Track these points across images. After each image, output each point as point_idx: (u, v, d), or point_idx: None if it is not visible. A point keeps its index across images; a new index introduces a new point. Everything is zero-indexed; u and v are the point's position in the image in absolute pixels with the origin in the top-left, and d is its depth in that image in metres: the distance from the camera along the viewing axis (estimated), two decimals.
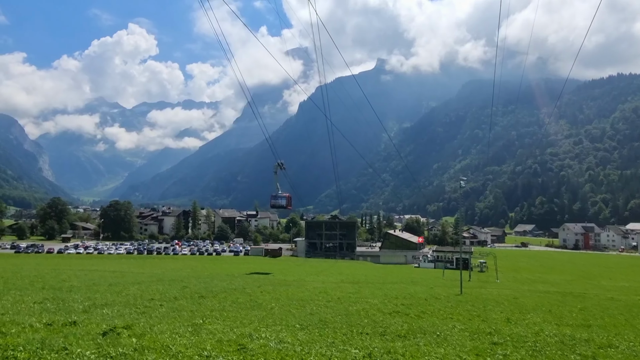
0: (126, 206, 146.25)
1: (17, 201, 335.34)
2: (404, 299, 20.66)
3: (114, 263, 68.73)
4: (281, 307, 16.06)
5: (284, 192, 53.37)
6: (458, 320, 14.17)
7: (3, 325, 9.46)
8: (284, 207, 53.42)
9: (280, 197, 52.48)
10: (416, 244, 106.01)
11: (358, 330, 10.95)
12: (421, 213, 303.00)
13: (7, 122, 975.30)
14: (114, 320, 10.96)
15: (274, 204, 53.01)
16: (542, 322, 15.15)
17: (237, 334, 9.30)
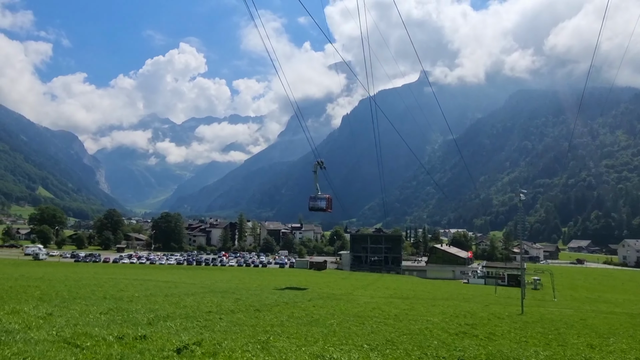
0: (176, 218, 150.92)
1: (76, 212, 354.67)
2: (464, 317, 19.84)
3: (165, 273, 70.74)
4: (340, 323, 15.80)
5: (323, 194, 46.55)
6: (535, 345, 13.35)
7: (78, 338, 9.75)
8: (323, 209, 45.97)
9: (320, 199, 46.16)
10: (464, 259, 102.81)
11: (432, 353, 10.50)
12: (467, 227, 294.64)
13: (69, 138, 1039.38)
14: (180, 334, 11.07)
15: (312, 206, 46.50)
16: (629, 349, 14.00)
17: (307, 354, 9.13)
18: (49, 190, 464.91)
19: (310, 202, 46.51)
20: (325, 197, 45.88)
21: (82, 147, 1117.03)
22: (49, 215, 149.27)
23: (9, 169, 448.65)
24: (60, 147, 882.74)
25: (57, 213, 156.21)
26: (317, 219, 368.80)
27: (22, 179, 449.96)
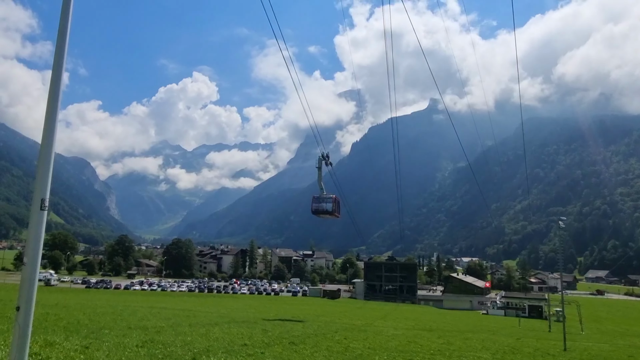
0: (187, 244, 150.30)
1: (86, 238, 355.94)
2: (512, 354, 18.75)
3: (179, 301, 69.57)
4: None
5: (329, 193, 37.74)
6: None
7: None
8: (329, 212, 37.03)
9: (325, 200, 37.01)
10: (482, 288, 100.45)
11: None
12: (479, 255, 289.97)
13: (81, 164, 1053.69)
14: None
15: (316, 208, 37.27)
16: None
17: None
18: (60, 216, 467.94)
19: (313, 204, 37.58)
20: (331, 197, 37.17)
21: (94, 173, 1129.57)
22: (61, 240, 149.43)
23: (22, 194, 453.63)
24: (73, 173, 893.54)
25: (69, 239, 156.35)
26: (328, 245, 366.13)
27: None
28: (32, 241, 6.57)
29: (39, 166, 6.69)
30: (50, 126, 6.89)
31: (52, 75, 7.20)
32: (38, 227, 6.58)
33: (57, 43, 7.38)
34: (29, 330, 6.56)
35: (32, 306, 6.50)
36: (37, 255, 6.62)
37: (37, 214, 6.64)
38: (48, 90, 7.05)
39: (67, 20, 7.53)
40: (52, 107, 7.06)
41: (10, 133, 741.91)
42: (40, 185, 6.71)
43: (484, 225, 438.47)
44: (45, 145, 6.76)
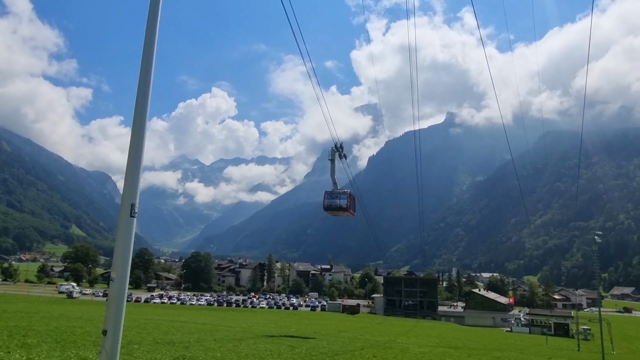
0: (206, 258, 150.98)
1: (106, 251, 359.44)
2: None
3: (198, 314, 69.67)
4: None
5: (342, 188, 33.68)
6: None
7: None
8: (343, 209, 32.82)
9: (338, 196, 32.76)
10: (504, 305, 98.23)
11: None
12: (499, 271, 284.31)
13: (103, 178, 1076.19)
14: None
15: (329, 204, 33.02)
16: None
17: None
18: (81, 229, 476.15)
19: (325, 200, 33.25)
20: (346, 192, 32.98)
21: (115, 187, 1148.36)
22: (83, 253, 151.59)
23: (46, 207, 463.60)
24: (95, 187, 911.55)
25: (91, 251, 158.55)
26: (345, 259, 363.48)
27: (58, 217, 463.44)
28: (120, 253, 6.18)
29: (128, 170, 6.50)
30: (139, 130, 6.78)
31: (140, 83, 7.10)
32: (127, 236, 6.25)
33: (145, 44, 7.34)
34: (117, 358, 6.01)
35: (120, 330, 6.01)
36: (126, 269, 6.23)
37: (126, 221, 6.35)
38: (136, 95, 7.06)
39: (155, 20, 7.51)
40: (140, 111, 6.96)
41: (35, 148, 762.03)
42: (130, 190, 6.45)
43: (504, 240, 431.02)
44: (134, 149, 6.62)
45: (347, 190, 33.71)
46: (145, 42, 7.24)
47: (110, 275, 6.22)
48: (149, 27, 7.30)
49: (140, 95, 7.07)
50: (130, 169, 6.53)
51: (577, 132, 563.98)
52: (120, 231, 6.28)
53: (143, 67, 7.18)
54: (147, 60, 7.26)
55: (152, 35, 7.27)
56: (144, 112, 7.04)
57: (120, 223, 6.29)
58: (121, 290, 6.29)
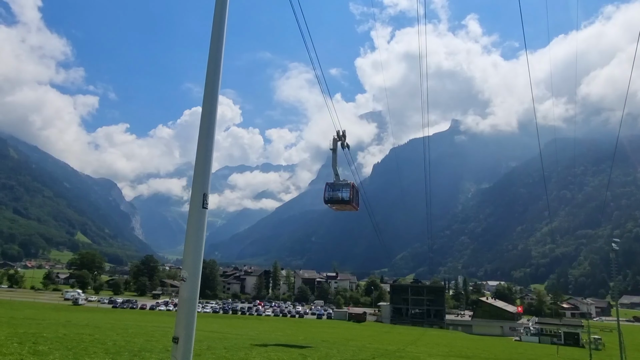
0: (211, 265, 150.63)
1: (111, 258, 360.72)
2: None
3: (205, 322, 69.26)
4: None
5: (345, 180, 30.05)
6: None
7: None
8: (346, 202, 29.35)
9: (341, 187, 29.36)
10: (513, 313, 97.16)
11: None
12: (505, 279, 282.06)
13: (109, 185, 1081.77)
14: None
15: (331, 197, 29.56)
16: None
17: None
18: (87, 236, 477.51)
19: (326, 193, 29.80)
20: (349, 183, 29.42)
21: (120, 194, 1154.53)
22: (89, 260, 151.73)
23: (52, 214, 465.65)
24: (100, 194, 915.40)
25: (96, 258, 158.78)
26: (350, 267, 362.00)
27: (63, 224, 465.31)
28: (191, 249, 5.67)
29: (199, 157, 6.11)
30: (209, 117, 6.47)
31: (208, 71, 6.99)
32: (199, 230, 5.76)
33: (213, 38, 7.08)
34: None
35: (192, 337, 5.39)
36: (198, 267, 5.75)
37: (197, 212, 5.82)
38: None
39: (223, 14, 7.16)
40: (210, 95, 6.65)
41: (42, 155, 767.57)
42: (201, 178, 6.02)
43: (510, 247, 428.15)
44: (205, 136, 6.29)
45: (350, 181, 30.01)
46: (212, 33, 7.04)
47: (180, 275, 5.70)
48: (215, 26, 7.02)
49: (209, 84, 6.89)
50: (200, 156, 6.15)
51: (583, 139, 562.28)
52: (190, 224, 5.82)
53: (212, 52, 7.09)
54: (216, 44, 7.11)
55: (221, 25, 6.97)
56: (214, 96, 6.73)
57: (191, 215, 5.81)
58: (193, 291, 5.76)
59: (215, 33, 7.02)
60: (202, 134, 6.43)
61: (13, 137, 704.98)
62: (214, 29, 6.98)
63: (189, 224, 5.90)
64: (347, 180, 30.05)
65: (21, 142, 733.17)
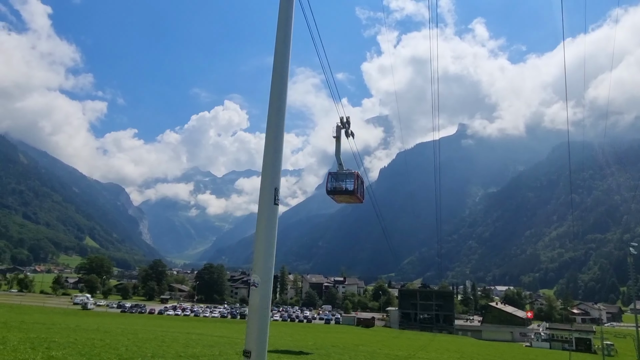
0: (219, 269, 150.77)
1: (119, 262, 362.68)
2: None
3: (213, 327, 69.22)
4: None
5: (349, 169, 26.87)
6: None
7: None
8: (350, 193, 26.73)
9: (344, 178, 26.79)
10: (523, 319, 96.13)
11: None
12: (514, 284, 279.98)
13: (117, 190, 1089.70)
14: None
15: (334, 187, 26.90)
16: None
17: None
18: (95, 241, 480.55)
19: (328, 183, 27.25)
20: (353, 172, 26.79)
21: (128, 199, 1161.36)
22: (97, 265, 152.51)
23: (61, 219, 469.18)
24: (108, 198, 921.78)
25: (105, 263, 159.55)
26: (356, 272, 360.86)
27: (72, 229, 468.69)
28: (262, 251, 5.35)
29: (268, 148, 5.80)
30: (278, 109, 6.33)
31: (275, 64, 6.95)
32: (270, 229, 5.42)
33: (278, 42, 7.09)
34: None
35: (265, 350, 5.07)
36: (270, 271, 5.46)
37: (268, 209, 5.48)
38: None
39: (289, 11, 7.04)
40: (279, 87, 6.52)
41: (51, 160, 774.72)
42: (271, 171, 5.72)
43: (518, 252, 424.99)
44: (274, 126, 6.09)
45: (354, 170, 27.16)
46: (277, 41, 6.85)
47: (250, 280, 5.35)
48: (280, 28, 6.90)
49: (277, 77, 6.76)
50: (269, 148, 5.87)
51: (591, 143, 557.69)
52: (260, 223, 5.48)
53: (278, 52, 7.10)
54: (282, 43, 7.10)
55: (287, 30, 6.87)
56: (282, 89, 6.55)
57: (261, 213, 5.49)
58: (265, 299, 5.42)
59: (281, 29, 7.08)
60: (270, 124, 6.21)
61: (23, 142, 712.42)
62: (280, 25, 6.86)
63: (259, 222, 5.53)
64: (352, 170, 27.24)
65: (31, 147, 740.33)
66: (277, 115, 6.15)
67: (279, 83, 6.46)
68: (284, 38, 6.66)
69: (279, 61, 6.51)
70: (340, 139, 25.07)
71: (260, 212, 5.42)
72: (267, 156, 5.83)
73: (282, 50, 6.52)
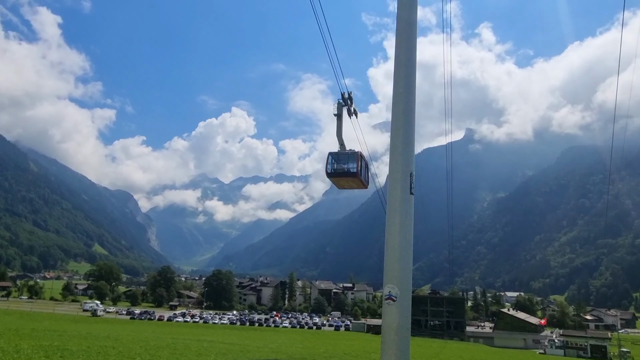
0: (227, 276, 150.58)
1: (127, 269, 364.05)
2: None
3: (223, 334, 68.76)
4: None
5: (351, 149, 22.00)
6: None
7: None
8: (352, 175, 21.51)
9: (347, 158, 21.89)
10: (536, 325, 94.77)
11: None
12: (524, 290, 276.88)
13: (125, 197, 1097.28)
14: None
15: (335, 170, 22.03)
16: None
17: None
18: (104, 247, 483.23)
19: (328, 165, 22.46)
20: (355, 152, 21.79)
21: (136, 206, 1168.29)
22: (106, 271, 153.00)
23: (70, 226, 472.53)
24: (117, 205, 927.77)
25: (114, 269, 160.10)
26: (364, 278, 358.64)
27: (81, 236, 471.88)
28: (398, 253, 4.37)
29: (396, 125, 5.08)
30: (408, 70, 5.76)
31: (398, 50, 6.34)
32: (405, 226, 4.43)
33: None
34: None
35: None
36: (408, 281, 4.43)
37: (403, 200, 4.48)
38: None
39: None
40: (406, 69, 5.92)
41: (61, 168, 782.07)
42: (403, 153, 4.93)
43: (528, 258, 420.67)
44: (404, 100, 5.46)
45: (358, 150, 22.65)
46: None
47: (384, 292, 4.16)
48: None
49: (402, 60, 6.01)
50: (399, 123, 5.08)
51: (601, 147, 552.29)
52: (393, 218, 4.46)
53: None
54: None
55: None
56: (411, 56, 5.89)
57: (393, 205, 4.45)
58: (405, 314, 4.29)
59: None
60: (398, 98, 5.43)
61: (33, 150, 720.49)
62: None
63: (390, 218, 4.48)
64: (354, 150, 22.78)
65: (41, 155, 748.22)
66: (407, 80, 5.36)
67: (406, 50, 5.77)
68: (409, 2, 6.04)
69: (404, 28, 5.78)
70: (342, 117, 21.84)
71: (392, 205, 4.46)
72: (395, 137, 5.03)
73: (407, 17, 5.80)
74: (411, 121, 4.94)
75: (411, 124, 4.90)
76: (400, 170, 4.58)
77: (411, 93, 5.36)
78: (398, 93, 5.25)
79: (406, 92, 5.22)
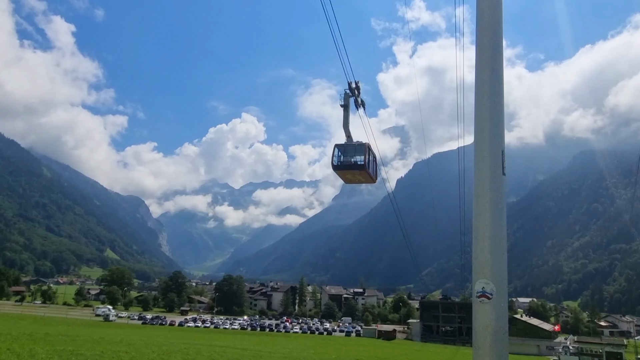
0: (238, 281, 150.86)
1: (139, 274, 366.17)
2: None
3: (235, 339, 68.98)
4: None
5: (359, 141, 20.98)
6: None
7: None
8: (360, 168, 20.70)
9: (354, 150, 20.91)
10: (549, 332, 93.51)
11: None
12: (536, 296, 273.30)
13: (136, 202, 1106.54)
14: None
15: (342, 163, 21.25)
16: None
17: None
18: (115, 253, 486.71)
19: (334, 158, 21.35)
20: (363, 144, 20.84)
21: (147, 211, 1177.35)
22: (119, 276, 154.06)
23: (82, 231, 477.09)
24: (129, 211, 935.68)
25: (126, 274, 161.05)
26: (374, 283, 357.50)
27: (93, 241, 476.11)
28: (490, 244, 3.95)
29: (480, 95, 4.44)
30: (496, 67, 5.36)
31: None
32: (497, 211, 3.86)
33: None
34: None
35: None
36: (505, 272, 4.07)
37: (493, 182, 3.91)
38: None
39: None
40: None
41: (73, 174, 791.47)
42: (492, 128, 4.33)
43: (540, 263, 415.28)
44: (490, 67, 4.88)
45: (365, 142, 21.29)
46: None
47: (475, 289, 3.86)
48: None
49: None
50: (483, 94, 4.33)
51: (614, 151, 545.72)
52: (482, 202, 3.92)
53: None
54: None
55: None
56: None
57: (481, 187, 3.91)
58: (502, 314, 3.96)
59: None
60: (483, 64, 4.81)
61: (46, 156, 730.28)
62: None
63: (477, 202, 3.87)
64: (362, 141, 21.47)
65: (54, 161, 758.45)
66: (494, 39, 4.78)
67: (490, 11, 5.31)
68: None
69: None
70: (349, 108, 20.71)
71: (480, 188, 3.95)
72: (481, 109, 4.48)
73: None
74: (500, 90, 4.55)
75: (500, 95, 4.53)
76: (487, 148, 4.17)
77: (498, 51, 5.03)
78: (482, 59, 4.73)
79: (494, 55, 4.76)
